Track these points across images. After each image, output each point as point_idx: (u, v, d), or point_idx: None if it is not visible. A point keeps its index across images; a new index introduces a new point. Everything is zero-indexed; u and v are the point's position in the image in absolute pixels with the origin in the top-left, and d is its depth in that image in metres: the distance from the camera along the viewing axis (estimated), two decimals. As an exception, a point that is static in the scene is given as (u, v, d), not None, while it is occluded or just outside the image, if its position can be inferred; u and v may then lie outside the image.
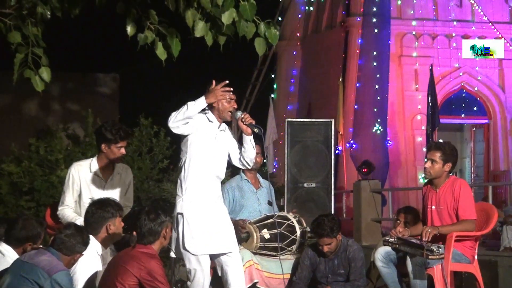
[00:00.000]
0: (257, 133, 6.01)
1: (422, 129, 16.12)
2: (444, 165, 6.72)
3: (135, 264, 5.05)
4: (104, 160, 6.51)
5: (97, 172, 6.48)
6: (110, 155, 6.48)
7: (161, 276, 5.06)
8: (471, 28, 17.00)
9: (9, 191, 10.69)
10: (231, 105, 6.00)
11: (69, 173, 6.50)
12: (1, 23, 5.06)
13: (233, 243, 6.01)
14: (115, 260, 5.29)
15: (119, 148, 6.45)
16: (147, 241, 5.20)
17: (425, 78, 15.43)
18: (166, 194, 10.64)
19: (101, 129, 6.56)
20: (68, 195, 6.44)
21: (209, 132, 5.96)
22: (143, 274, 5.03)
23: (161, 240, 5.24)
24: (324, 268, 7.27)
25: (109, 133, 6.44)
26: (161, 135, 11.48)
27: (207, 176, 5.94)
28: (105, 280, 5.18)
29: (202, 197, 5.91)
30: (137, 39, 5.00)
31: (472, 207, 6.73)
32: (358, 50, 16.14)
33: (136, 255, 5.13)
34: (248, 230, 7.03)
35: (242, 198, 7.41)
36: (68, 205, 6.40)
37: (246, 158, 6.06)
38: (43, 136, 11.36)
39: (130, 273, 5.03)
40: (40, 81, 5.05)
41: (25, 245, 5.70)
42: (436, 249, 6.31)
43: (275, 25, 5.04)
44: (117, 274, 5.07)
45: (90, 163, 6.53)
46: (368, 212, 12.07)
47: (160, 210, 5.36)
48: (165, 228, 5.25)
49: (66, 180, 6.49)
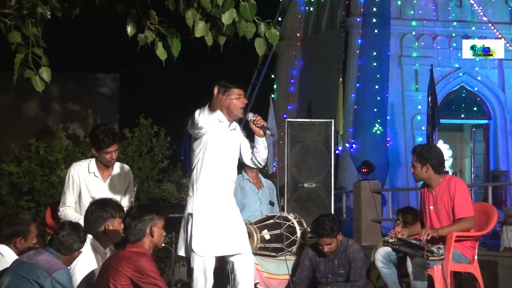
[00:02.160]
0: (270, 135, 5.95)
1: (422, 129, 16.12)
2: (422, 168, 6.74)
3: (125, 264, 5.05)
4: (99, 162, 6.51)
5: (95, 173, 6.48)
6: (100, 159, 6.48)
7: (152, 271, 5.05)
8: (471, 29, 17.00)
9: (9, 191, 10.69)
10: (241, 101, 5.89)
11: (69, 173, 6.50)
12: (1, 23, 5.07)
13: (245, 244, 5.94)
14: (107, 261, 5.30)
15: (107, 153, 6.42)
16: (132, 239, 5.20)
17: (425, 79, 15.43)
18: (166, 194, 10.64)
19: (92, 133, 6.56)
20: (68, 195, 6.44)
21: (220, 132, 5.88)
22: (134, 272, 5.03)
23: (148, 237, 5.20)
24: (324, 268, 7.27)
25: (96, 138, 6.41)
26: (161, 135, 11.47)
27: (219, 176, 5.87)
28: (99, 282, 5.19)
29: (213, 198, 5.85)
30: (137, 39, 5.01)
31: (468, 204, 6.72)
32: (358, 51, 16.13)
33: (126, 255, 5.13)
34: (248, 231, 7.03)
35: (244, 198, 7.41)
36: (69, 205, 6.40)
37: (258, 158, 5.99)
38: (43, 136, 11.36)
39: (122, 273, 5.02)
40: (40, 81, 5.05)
41: (15, 241, 5.69)
42: (436, 250, 6.31)
43: (275, 26, 5.05)
44: (109, 275, 5.07)
45: (89, 163, 6.53)
46: (368, 212, 12.06)
47: (144, 208, 5.35)
48: (150, 226, 5.20)
49: (66, 180, 6.49)
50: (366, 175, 12.80)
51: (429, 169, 6.74)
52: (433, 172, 6.75)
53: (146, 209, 5.31)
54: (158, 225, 5.27)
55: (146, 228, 5.20)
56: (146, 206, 5.44)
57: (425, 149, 6.83)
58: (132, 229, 5.19)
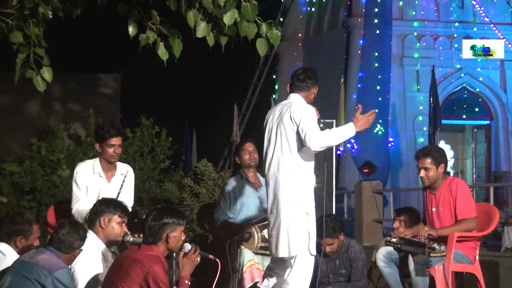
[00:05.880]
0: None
1: (423, 130, 16.12)
2: (437, 168, 6.75)
3: (137, 268, 4.96)
4: (103, 161, 6.52)
5: (100, 173, 6.50)
6: (103, 154, 6.50)
7: (163, 282, 4.95)
8: (473, 30, 17.00)
9: (11, 191, 10.72)
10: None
11: (76, 172, 6.52)
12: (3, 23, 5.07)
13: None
14: (119, 260, 5.23)
15: (110, 147, 6.46)
16: (147, 241, 5.14)
17: (427, 79, 15.42)
18: (167, 194, 10.65)
19: (96, 130, 6.67)
20: (78, 192, 6.43)
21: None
22: (145, 278, 4.93)
23: (163, 242, 5.10)
24: (326, 268, 7.27)
25: (100, 131, 6.50)
26: (163, 136, 11.49)
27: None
28: (108, 281, 5.14)
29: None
30: (139, 39, 5.01)
31: (471, 205, 6.73)
32: (360, 51, 16.12)
33: (140, 258, 5.02)
34: (249, 231, 7.03)
35: (243, 198, 7.41)
36: (80, 200, 6.39)
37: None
38: (45, 136, 11.38)
39: (133, 277, 4.94)
40: (42, 81, 5.06)
41: (16, 240, 5.70)
42: (438, 247, 6.32)
43: (276, 26, 5.05)
44: (119, 276, 5.00)
45: (93, 164, 6.55)
46: (370, 212, 12.07)
47: (166, 212, 5.21)
48: (168, 231, 5.10)
49: (74, 179, 6.49)
50: (367, 175, 12.81)
51: (443, 169, 6.77)
52: (444, 171, 6.78)
53: (167, 213, 5.18)
54: (176, 232, 5.14)
55: (163, 233, 5.09)
56: (169, 210, 5.28)
57: (437, 149, 6.88)
58: (150, 230, 5.11)
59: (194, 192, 10.55)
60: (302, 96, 6.19)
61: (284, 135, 6.04)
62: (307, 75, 6.24)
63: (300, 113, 5.97)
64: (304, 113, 5.97)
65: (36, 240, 5.84)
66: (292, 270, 5.98)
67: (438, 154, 6.81)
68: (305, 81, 6.21)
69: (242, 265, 6.86)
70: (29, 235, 5.76)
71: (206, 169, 10.69)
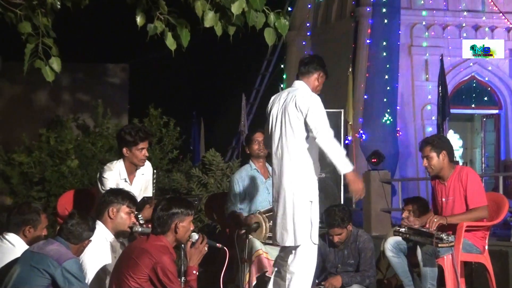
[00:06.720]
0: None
1: (432, 119, 16.06)
2: (439, 155, 6.73)
3: (146, 258, 4.97)
4: (128, 165, 6.47)
5: (126, 178, 6.47)
6: (132, 158, 6.44)
7: (171, 273, 4.95)
8: (482, 19, 16.92)
9: (20, 181, 10.75)
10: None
11: (105, 179, 6.42)
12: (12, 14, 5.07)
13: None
14: (127, 250, 5.24)
15: (140, 150, 6.42)
16: (156, 231, 5.14)
17: (435, 68, 15.37)
18: (175, 184, 10.66)
19: (120, 133, 6.53)
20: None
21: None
22: (153, 268, 4.94)
23: (172, 232, 5.11)
24: (334, 258, 7.28)
25: (128, 136, 6.41)
26: (171, 126, 11.50)
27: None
28: (116, 271, 5.15)
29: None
30: (147, 29, 5.00)
31: (482, 193, 6.70)
32: (368, 40, 16.07)
33: (148, 248, 5.02)
34: (257, 221, 7.03)
35: (252, 188, 7.41)
36: None
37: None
38: (54, 126, 11.40)
39: (141, 267, 4.95)
40: (51, 71, 5.06)
41: (24, 229, 5.72)
42: (446, 237, 6.31)
43: (284, 15, 5.03)
44: (128, 266, 5.01)
45: (120, 170, 6.48)
46: (378, 202, 12.05)
47: (174, 202, 5.22)
48: (176, 222, 5.10)
49: (104, 184, 6.40)
50: (375, 165, 12.77)
51: (446, 156, 6.73)
52: (448, 159, 6.74)
53: (176, 204, 5.18)
54: (185, 222, 5.14)
55: (172, 223, 5.10)
56: (177, 200, 5.29)
57: (437, 137, 6.88)
58: (158, 220, 5.11)
59: (202, 182, 10.57)
60: (306, 83, 6.17)
61: (289, 123, 6.01)
62: (311, 60, 6.22)
63: (307, 103, 5.94)
64: (311, 103, 5.94)
65: (44, 229, 5.86)
66: (295, 259, 5.97)
67: (438, 141, 6.79)
68: (307, 66, 6.19)
69: (250, 254, 6.87)
70: (37, 225, 5.78)
71: (214, 159, 10.70)
